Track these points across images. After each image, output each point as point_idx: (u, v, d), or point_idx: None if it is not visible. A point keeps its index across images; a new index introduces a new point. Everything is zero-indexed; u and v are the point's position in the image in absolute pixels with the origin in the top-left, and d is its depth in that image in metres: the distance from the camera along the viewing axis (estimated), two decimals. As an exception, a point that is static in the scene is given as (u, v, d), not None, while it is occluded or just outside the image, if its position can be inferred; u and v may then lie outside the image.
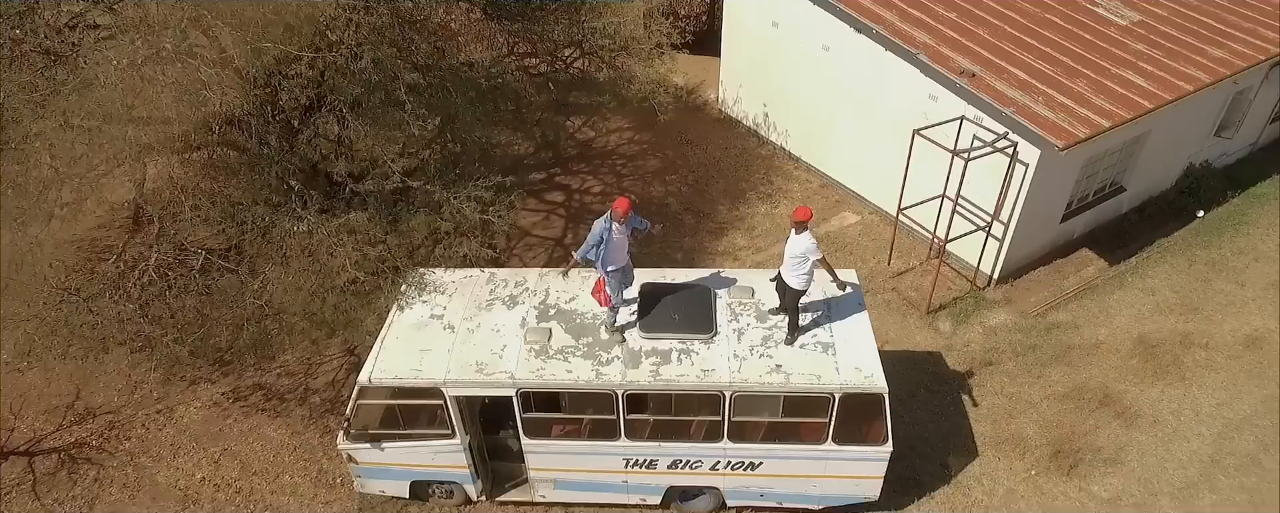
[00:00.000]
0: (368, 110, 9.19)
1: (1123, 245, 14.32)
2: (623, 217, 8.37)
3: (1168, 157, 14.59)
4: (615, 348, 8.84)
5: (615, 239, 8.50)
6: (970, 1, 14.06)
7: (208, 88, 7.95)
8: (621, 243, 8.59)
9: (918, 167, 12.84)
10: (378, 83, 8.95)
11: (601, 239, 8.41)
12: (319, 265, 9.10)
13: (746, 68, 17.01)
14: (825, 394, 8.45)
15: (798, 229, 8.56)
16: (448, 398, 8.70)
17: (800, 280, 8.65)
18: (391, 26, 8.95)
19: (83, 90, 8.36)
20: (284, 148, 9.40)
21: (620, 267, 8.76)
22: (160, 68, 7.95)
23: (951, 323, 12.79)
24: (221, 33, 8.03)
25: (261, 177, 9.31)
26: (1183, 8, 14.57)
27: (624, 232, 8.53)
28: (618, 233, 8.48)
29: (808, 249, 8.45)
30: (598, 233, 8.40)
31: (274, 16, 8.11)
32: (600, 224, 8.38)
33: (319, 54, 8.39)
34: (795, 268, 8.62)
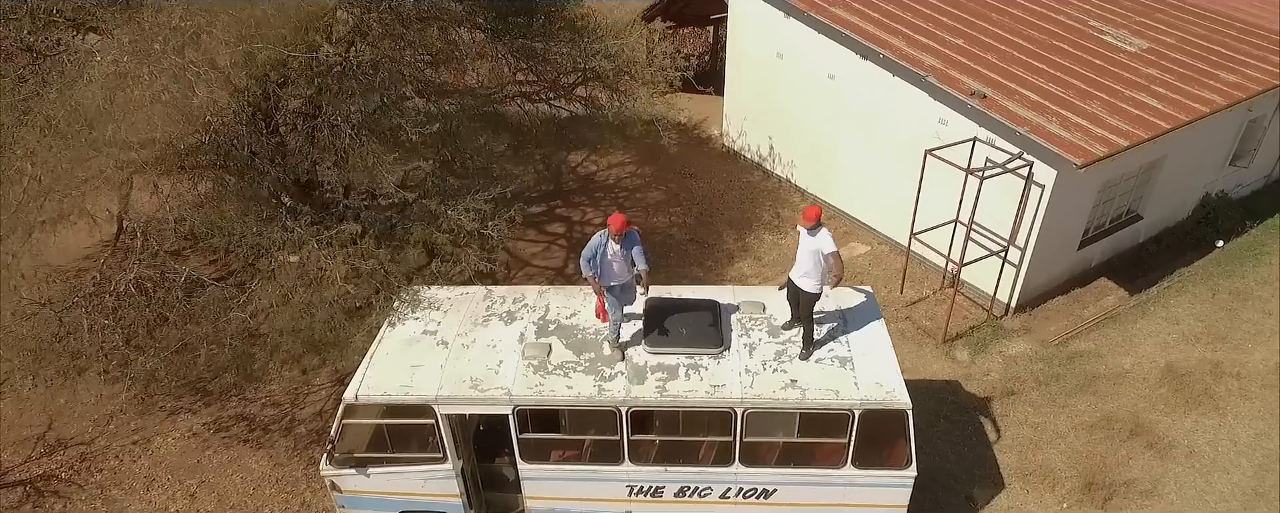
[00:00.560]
0: (363, 118, 8.85)
1: (1142, 275, 13.86)
2: (617, 234, 8.00)
3: (1184, 185, 14.26)
4: (619, 364, 8.30)
5: (608, 258, 8.14)
6: (977, 29, 13.94)
7: (196, 87, 7.62)
8: (618, 263, 8.19)
9: (929, 191, 12.49)
10: (374, 86, 8.63)
11: (596, 252, 8.01)
12: (308, 279, 8.61)
13: (750, 100, 16.84)
14: (844, 411, 7.87)
15: (810, 230, 8.12)
16: (439, 417, 8.12)
17: (815, 284, 8.18)
18: (393, 23, 8.67)
19: (66, 92, 8.02)
20: (274, 157, 9.03)
21: (620, 284, 8.33)
22: (149, 65, 7.61)
23: (969, 352, 12.23)
24: (214, 30, 7.73)
25: (250, 187, 8.92)
26: (1191, 36, 14.46)
27: (621, 252, 8.12)
28: (612, 251, 8.09)
29: (821, 245, 8.01)
30: (593, 246, 8.02)
31: (269, 15, 7.84)
32: (597, 238, 8.00)
33: (314, 54, 8.09)
34: (809, 271, 8.15)
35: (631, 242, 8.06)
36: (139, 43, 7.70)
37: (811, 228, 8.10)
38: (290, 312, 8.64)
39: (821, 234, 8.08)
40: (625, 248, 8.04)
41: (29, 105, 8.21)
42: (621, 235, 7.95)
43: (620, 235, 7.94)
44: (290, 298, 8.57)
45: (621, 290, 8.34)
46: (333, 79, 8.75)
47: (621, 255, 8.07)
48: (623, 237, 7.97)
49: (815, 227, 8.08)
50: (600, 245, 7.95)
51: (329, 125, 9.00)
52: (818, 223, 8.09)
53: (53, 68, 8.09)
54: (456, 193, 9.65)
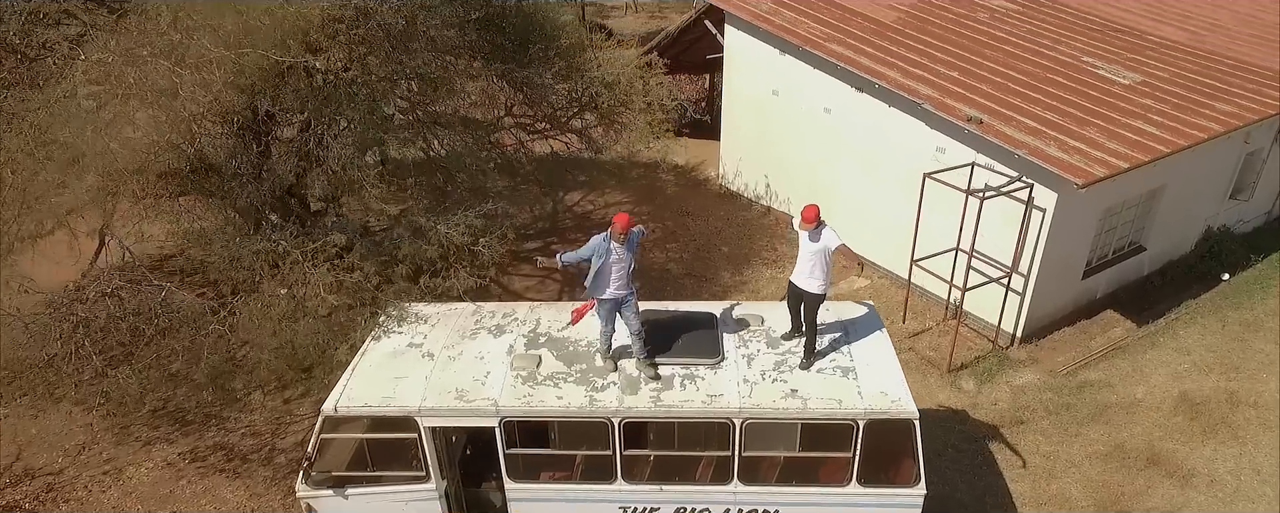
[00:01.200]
0: (350, 131, 8.72)
1: (1148, 307, 13.59)
2: (621, 234, 7.64)
3: (1185, 217, 14.11)
4: (611, 374, 7.94)
5: (611, 261, 7.70)
6: (970, 63, 14.01)
7: (181, 89, 7.50)
8: (619, 267, 7.71)
9: (929, 219, 12.32)
10: (358, 100, 8.51)
11: (593, 254, 7.67)
12: (290, 291, 8.32)
13: (747, 139, 16.86)
14: (848, 421, 7.48)
15: (812, 235, 7.89)
16: (423, 430, 7.72)
17: (820, 285, 7.90)
18: (381, 39, 8.63)
19: (48, 105, 7.91)
20: (260, 169, 8.86)
21: (614, 299, 7.82)
22: (135, 68, 7.52)
23: (975, 382, 11.84)
24: (200, 35, 7.67)
25: (234, 200, 8.70)
26: (1183, 71, 14.53)
27: (624, 255, 7.68)
28: (615, 255, 7.69)
29: (827, 243, 7.77)
30: (593, 246, 7.69)
31: (256, 23, 7.79)
32: (598, 240, 7.69)
33: (303, 64, 8.01)
34: (812, 272, 7.89)
35: (634, 245, 7.74)
36: (127, 49, 7.62)
37: (813, 230, 7.87)
38: (271, 325, 8.31)
39: (825, 233, 7.84)
40: (628, 251, 7.67)
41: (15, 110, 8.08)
42: (625, 237, 7.62)
43: (624, 237, 7.61)
44: (272, 309, 8.25)
45: (618, 305, 7.88)
46: (316, 92, 8.65)
47: (624, 261, 7.66)
48: (626, 239, 7.64)
49: (817, 227, 7.84)
50: (603, 247, 7.63)
51: (315, 138, 8.87)
52: (819, 223, 7.85)
53: (40, 72, 7.99)
54: (446, 209, 9.43)
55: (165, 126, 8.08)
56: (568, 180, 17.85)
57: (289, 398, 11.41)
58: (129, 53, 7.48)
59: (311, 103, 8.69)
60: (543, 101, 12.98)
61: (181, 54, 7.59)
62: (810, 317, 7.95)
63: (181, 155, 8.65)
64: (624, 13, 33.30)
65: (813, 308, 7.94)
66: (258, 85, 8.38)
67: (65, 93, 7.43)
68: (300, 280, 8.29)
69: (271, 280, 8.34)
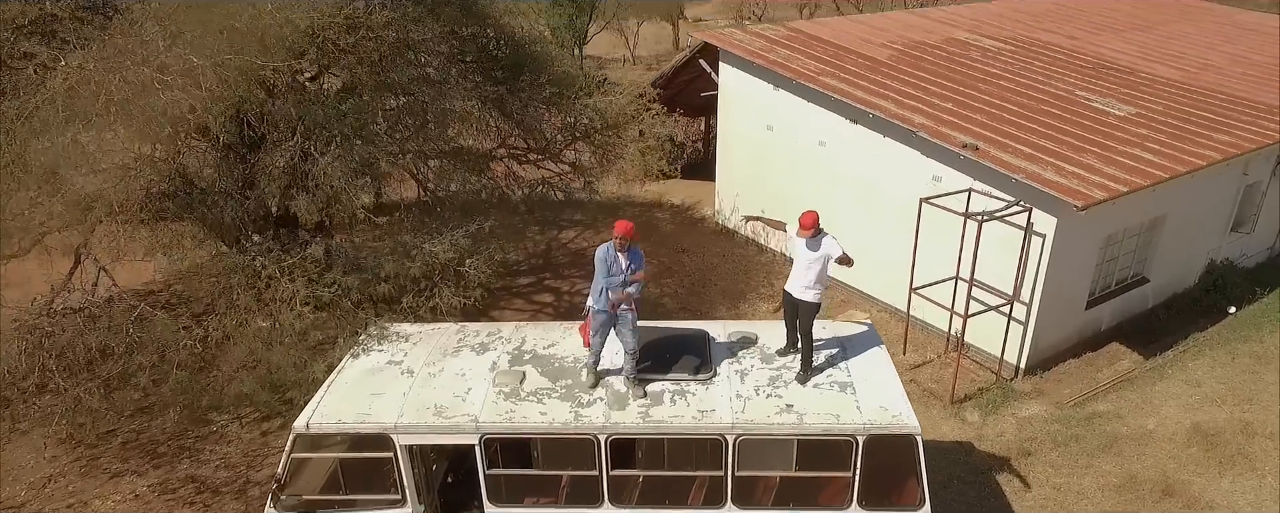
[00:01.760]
0: (336, 144, 8.55)
1: (1155, 339, 13.24)
2: (621, 237, 7.31)
3: (1188, 249, 13.89)
4: (598, 389, 7.59)
5: (610, 271, 7.41)
6: (964, 95, 14.01)
7: (164, 97, 7.36)
8: (618, 279, 7.39)
9: (927, 248, 12.08)
10: (350, 113, 8.39)
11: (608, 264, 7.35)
12: (266, 306, 8.02)
13: (742, 176, 16.77)
14: (846, 437, 7.09)
15: (810, 243, 7.64)
16: (399, 449, 7.32)
17: (816, 295, 7.61)
18: (371, 50, 8.53)
19: (26, 115, 7.76)
20: (242, 185, 8.66)
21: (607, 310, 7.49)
22: (117, 74, 7.39)
23: (980, 414, 11.43)
24: (186, 38, 7.57)
25: (215, 216, 8.47)
26: (1178, 104, 14.51)
27: (624, 269, 7.37)
28: (616, 266, 7.39)
29: (828, 252, 7.51)
30: (598, 258, 7.40)
31: (246, 27, 7.71)
32: (602, 250, 7.43)
33: (288, 65, 7.89)
34: (809, 283, 7.61)
35: (637, 259, 7.42)
36: (109, 56, 7.51)
37: (811, 238, 7.63)
38: (246, 342, 7.98)
39: (825, 241, 7.59)
40: (630, 264, 7.36)
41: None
42: (628, 246, 7.35)
43: (627, 246, 7.33)
44: (247, 326, 7.94)
45: (614, 320, 7.52)
46: (305, 106, 8.52)
47: (622, 276, 7.35)
48: (629, 249, 7.37)
49: (816, 234, 7.60)
50: (605, 257, 7.36)
51: (301, 154, 8.70)
52: (818, 230, 7.60)
53: (19, 82, 7.86)
54: (433, 228, 9.21)
55: (148, 136, 7.90)
56: (562, 219, 17.72)
57: (267, 430, 10.97)
58: (111, 59, 7.35)
59: (301, 118, 8.55)
60: (536, 130, 12.90)
61: (164, 62, 7.46)
62: (805, 327, 7.65)
63: (162, 171, 8.45)
64: (623, 64, 33.76)
65: (808, 318, 7.65)
66: (244, 96, 8.26)
67: (44, 101, 7.27)
68: (276, 297, 7.99)
69: (246, 294, 8.03)
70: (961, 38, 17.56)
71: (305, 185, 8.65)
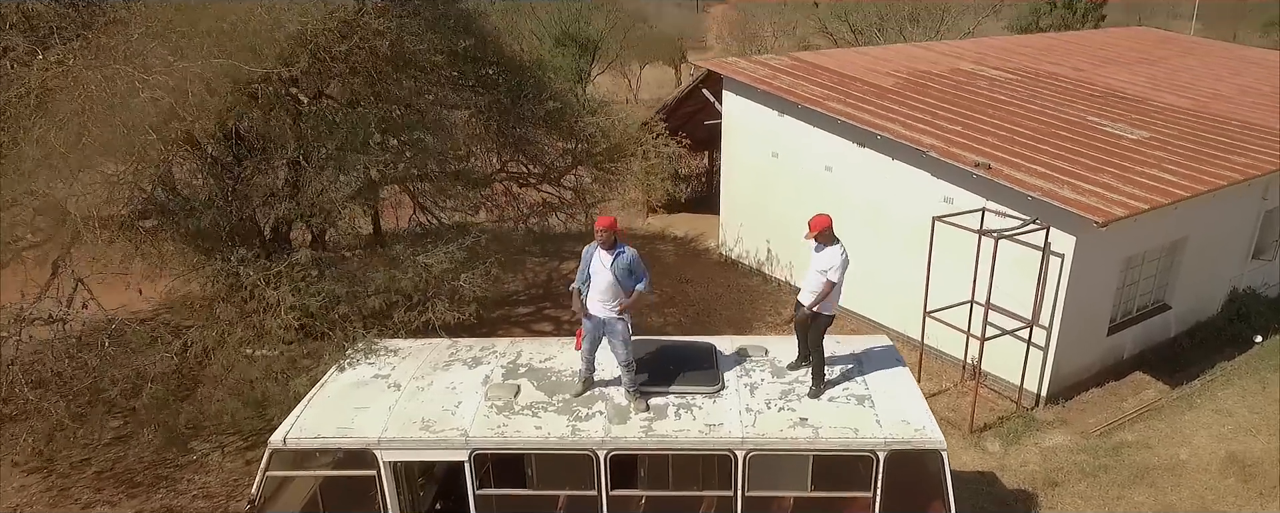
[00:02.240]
0: (330, 157, 8.21)
1: (1180, 369, 12.70)
2: (604, 237, 6.84)
3: (1210, 275, 13.43)
4: (598, 403, 7.08)
5: (593, 272, 6.94)
6: (972, 120, 13.75)
7: (149, 89, 7.04)
8: (603, 281, 6.89)
9: (940, 272, 11.61)
10: (340, 122, 8.06)
11: (582, 263, 7.02)
12: (248, 317, 7.57)
13: (747, 205, 16.43)
14: (866, 452, 6.56)
15: (817, 249, 7.21)
16: (383, 466, 6.79)
17: (825, 304, 7.15)
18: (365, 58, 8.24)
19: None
20: (227, 198, 8.28)
21: (598, 319, 6.99)
22: (99, 70, 7.09)
23: (1001, 443, 10.83)
24: (171, 39, 7.28)
25: (195, 224, 8.06)
26: (1192, 129, 14.23)
27: (610, 267, 6.85)
28: (598, 263, 6.95)
29: (822, 264, 7.05)
30: (583, 255, 7.03)
31: (233, 29, 7.44)
32: (587, 250, 7.03)
33: (277, 71, 7.60)
34: (815, 288, 7.15)
35: (624, 260, 6.90)
36: (91, 54, 7.21)
37: (818, 244, 7.20)
38: (226, 355, 7.50)
39: (828, 252, 7.14)
40: (615, 266, 6.88)
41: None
42: (611, 244, 6.91)
43: (609, 242, 6.89)
44: (227, 339, 7.47)
45: (602, 328, 7.06)
46: (298, 115, 8.21)
47: (608, 274, 6.88)
48: (613, 249, 6.92)
49: (824, 240, 7.15)
50: (587, 257, 6.93)
51: (289, 163, 8.36)
52: (828, 236, 7.15)
53: (0, 78, 7.55)
54: (426, 241, 8.81)
55: (130, 142, 7.55)
56: (563, 250, 17.35)
57: (250, 459, 10.39)
58: (92, 56, 7.06)
59: (292, 129, 8.22)
60: (535, 155, 12.61)
61: (148, 62, 7.17)
62: (815, 339, 7.17)
63: (147, 177, 8.09)
64: (625, 105, 33.79)
65: (816, 331, 7.17)
66: (232, 103, 7.95)
67: (16, 96, 6.95)
68: (261, 307, 7.55)
69: (228, 305, 7.59)
70: (966, 68, 17.41)
71: (297, 201, 8.25)
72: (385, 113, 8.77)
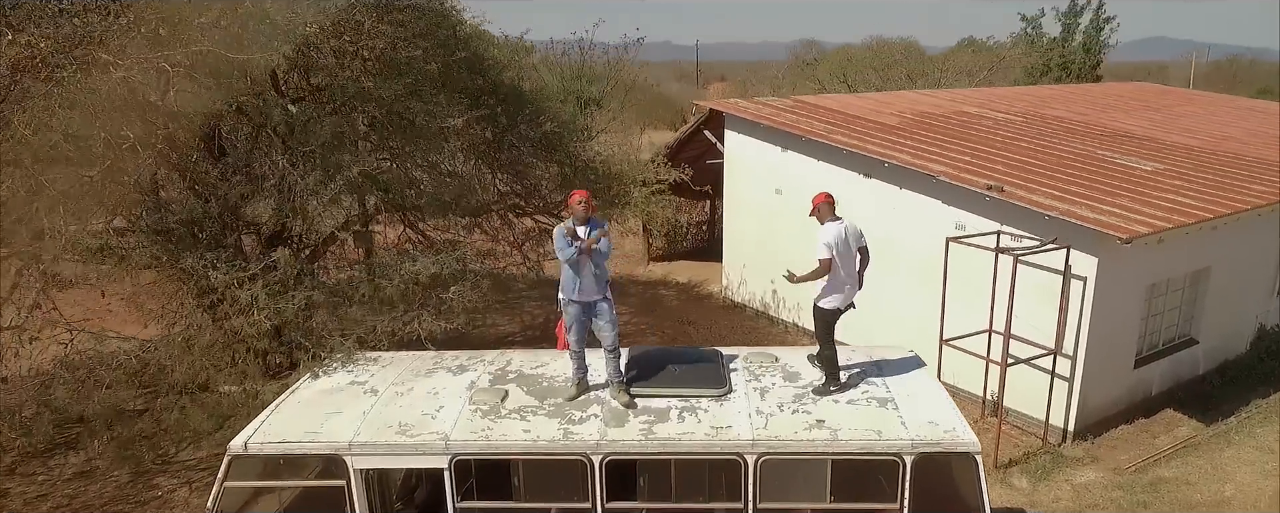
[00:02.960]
0: (314, 152, 7.82)
1: (1212, 407, 11.97)
2: (580, 211, 6.37)
3: (1236, 310, 12.85)
4: (593, 406, 6.45)
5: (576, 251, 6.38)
6: (980, 149, 13.45)
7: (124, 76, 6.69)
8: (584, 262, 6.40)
9: (956, 300, 11.05)
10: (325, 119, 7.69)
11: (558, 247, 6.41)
12: (220, 322, 7.00)
13: (750, 247, 15.97)
14: (891, 456, 5.89)
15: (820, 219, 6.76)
16: (353, 475, 6.11)
17: (829, 299, 6.61)
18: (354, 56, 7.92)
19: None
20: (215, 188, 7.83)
21: (583, 302, 6.51)
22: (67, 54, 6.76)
23: (1029, 480, 10.06)
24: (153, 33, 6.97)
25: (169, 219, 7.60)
26: (1205, 163, 13.91)
27: (595, 252, 6.40)
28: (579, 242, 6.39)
29: (817, 248, 6.57)
30: (559, 240, 6.45)
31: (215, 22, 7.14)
32: (560, 231, 6.49)
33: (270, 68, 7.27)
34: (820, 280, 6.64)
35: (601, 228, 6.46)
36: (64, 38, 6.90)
37: (820, 216, 6.74)
38: (191, 359, 6.90)
39: (822, 230, 6.69)
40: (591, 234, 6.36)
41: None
42: (587, 216, 6.40)
43: (586, 218, 6.39)
44: (192, 341, 6.89)
45: (589, 310, 6.57)
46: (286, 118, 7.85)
47: (595, 257, 6.43)
48: (588, 221, 6.42)
49: (823, 217, 6.70)
50: (561, 236, 6.41)
51: (276, 168, 7.95)
52: (827, 212, 6.70)
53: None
54: (418, 253, 8.31)
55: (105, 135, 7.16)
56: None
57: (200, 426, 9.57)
58: (65, 40, 6.74)
59: (277, 128, 7.86)
60: (535, 187, 12.24)
61: (123, 45, 6.84)
62: (819, 334, 6.64)
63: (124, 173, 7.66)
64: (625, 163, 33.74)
65: (822, 325, 6.64)
66: (222, 98, 7.60)
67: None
68: (233, 310, 6.99)
69: (197, 308, 7.04)
70: (971, 110, 17.28)
71: (281, 201, 7.80)
72: (373, 114, 8.43)
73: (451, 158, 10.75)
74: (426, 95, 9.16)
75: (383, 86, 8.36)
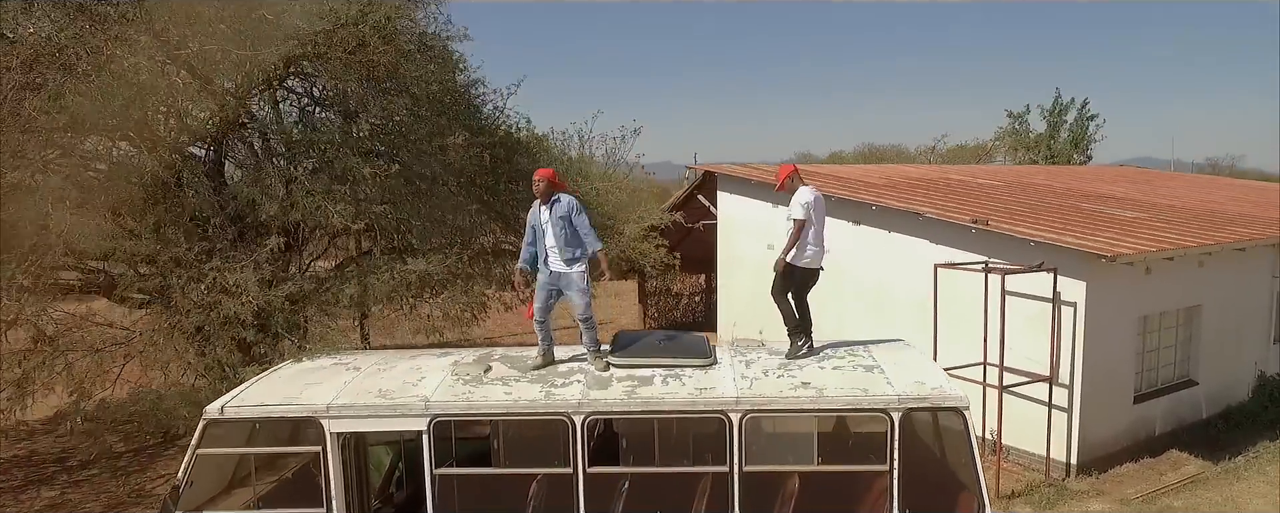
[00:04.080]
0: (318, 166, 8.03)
1: (1219, 448, 11.68)
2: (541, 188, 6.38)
3: (1233, 352, 12.75)
4: (577, 374, 6.36)
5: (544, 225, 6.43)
6: (962, 196, 13.76)
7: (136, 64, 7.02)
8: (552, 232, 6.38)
9: (949, 334, 11.02)
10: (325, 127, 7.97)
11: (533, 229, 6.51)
12: (207, 311, 6.99)
13: (744, 300, 15.96)
14: (877, 412, 5.76)
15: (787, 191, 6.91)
16: (330, 439, 5.95)
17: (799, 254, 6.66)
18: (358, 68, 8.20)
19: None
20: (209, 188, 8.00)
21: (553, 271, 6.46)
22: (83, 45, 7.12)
23: (1034, 510, 9.69)
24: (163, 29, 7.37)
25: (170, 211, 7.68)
26: (1190, 215, 14.18)
27: (554, 222, 6.36)
28: (544, 218, 6.43)
29: (791, 208, 6.70)
30: (528, 221, 6.54)
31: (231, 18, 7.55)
32: (532, 210, 6.57)
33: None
34: (785, 239, 6.74)
35: (569, 209, 6.41)
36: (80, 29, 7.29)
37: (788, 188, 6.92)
38: (177, 341, 6.83)
39: (799, 192, 6.84)
40: (554, 212, 6.37)
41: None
42: (547, 194, 6.40)
43: (546, 193, 6.39)
44: (179, 325, 6.86)
45: (557, 281, 6.52)
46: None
47: (556, 229, 6.37)
48: (549, 199, 6.41)
49: (791, 188, 6.89)
50: (532, 219, 6.47)
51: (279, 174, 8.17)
52: (792, 184, 6.89)
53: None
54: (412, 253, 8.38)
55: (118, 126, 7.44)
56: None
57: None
58: (81, 31, 7.11)
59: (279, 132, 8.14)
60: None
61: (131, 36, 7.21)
62: (795, 294, 6.69)
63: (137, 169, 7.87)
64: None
65: (796, 284, 6.70)
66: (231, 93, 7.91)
67: (5, 67, 6.90)
68: (219, 289, 7.01)
69: (185, 296, 7.04)
70: (955, 178, 17.73)
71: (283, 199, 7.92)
72: (373, 123, 8.68)
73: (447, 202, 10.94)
74: (428, 119, 9.47)
75: (384, 99, 8.68)
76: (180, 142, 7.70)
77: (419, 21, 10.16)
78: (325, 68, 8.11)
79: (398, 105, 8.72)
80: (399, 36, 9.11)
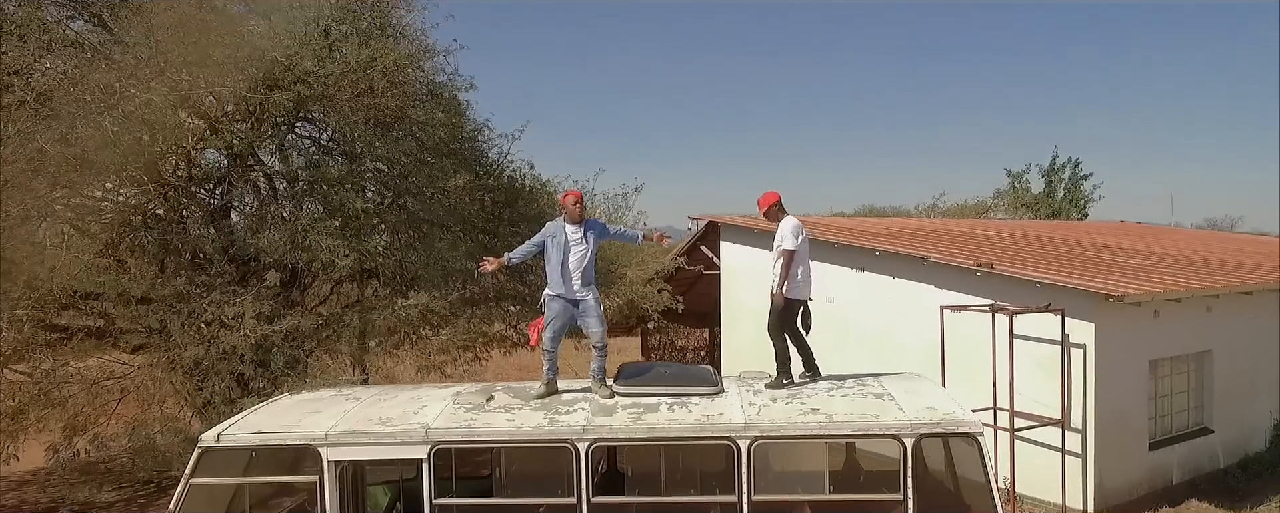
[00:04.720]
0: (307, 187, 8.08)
1: (1240, 498, 11.36)
2: (575, 212, 6.36)
3: (1247, 401, 12.53)
4: (581, 401, 6.23)
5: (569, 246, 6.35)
6: (971, 245, 13.74)
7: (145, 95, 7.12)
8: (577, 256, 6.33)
9: (957, 379, 10.84)
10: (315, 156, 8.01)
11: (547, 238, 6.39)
12: (206, 343, 6.91)
13: (747, 349, 15.76)
14: (889, 437, 5.61)
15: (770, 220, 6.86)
16: (327, 467, 5.80)
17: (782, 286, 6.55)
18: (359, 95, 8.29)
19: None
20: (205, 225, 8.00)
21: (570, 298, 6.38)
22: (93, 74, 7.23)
23: (1052, 558, 9.37)
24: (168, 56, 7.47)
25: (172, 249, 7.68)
26: (1194, 261, 14.15)
27: (584, 242, 6.36)
28: (572, 236, 6.36)
29: (781, 237, 6.62)
30: (546, 231, 6.44)
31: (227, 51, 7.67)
32: (552, 224, 6.50)
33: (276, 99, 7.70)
34: (775, 271, 6.65)
35: (599, 229, 6.53)
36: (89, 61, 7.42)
37: (770, 217, 6.87)
38: (175, 378, 6.73)
39: (785, 221, 6.78)
40: (591, 237, 6.42)
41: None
42: (582, 218, 6.44)
43: (579, 216, 6.41)
44: (175, 361, 6.76)
45: (574, 306, 6.42)
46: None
47: (584, 249, 6.37)
48: (584, 221, 6.48)
49: (775, 217, 6.83)
50: (555, 232, 6.43)
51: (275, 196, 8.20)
52: (776, 213, 6.82)
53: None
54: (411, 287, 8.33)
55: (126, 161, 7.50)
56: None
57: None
58: (90, 63, 7.22)
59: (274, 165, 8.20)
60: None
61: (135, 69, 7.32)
62: (788, 325, 6.56)
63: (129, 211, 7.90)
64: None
65: (772, 318, 6.58)
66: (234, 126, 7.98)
67: (12, 104, 6.99)
68: (216, 320, 6.93)
69: (184, 332, 6.96)
70: (957, 231, 17.78)
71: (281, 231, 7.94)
72: (379, 172, 8.77)
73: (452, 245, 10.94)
74: (432, 163, 9.55)
75: (389, 142, 8.77)
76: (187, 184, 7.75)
77: (428, 71, 10.41)
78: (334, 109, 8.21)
79: (403, 148, 8.81)
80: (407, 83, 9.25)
